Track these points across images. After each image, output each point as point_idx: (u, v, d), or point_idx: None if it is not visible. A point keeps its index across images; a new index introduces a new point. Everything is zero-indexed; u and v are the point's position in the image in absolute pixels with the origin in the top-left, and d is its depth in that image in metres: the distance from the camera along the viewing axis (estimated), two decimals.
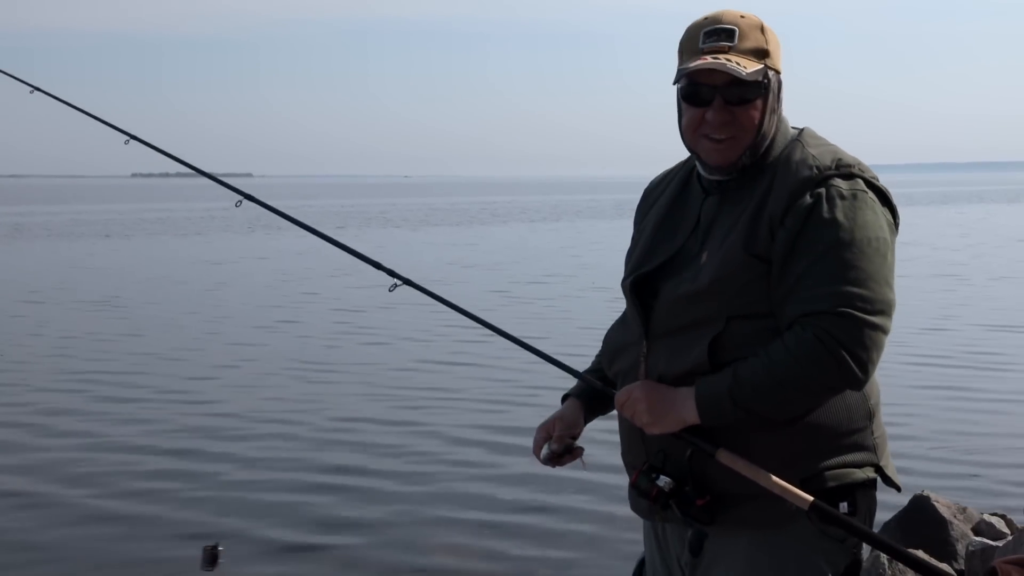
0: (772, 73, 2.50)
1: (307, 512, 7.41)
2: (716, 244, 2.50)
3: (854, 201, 2.41)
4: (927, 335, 14.37)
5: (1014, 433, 9.32)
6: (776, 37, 2.54)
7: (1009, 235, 36.32)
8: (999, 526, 6.14)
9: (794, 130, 2.58)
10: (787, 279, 2.40)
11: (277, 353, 13.65)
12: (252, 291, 20.67)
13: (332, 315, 17.02)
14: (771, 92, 2.50)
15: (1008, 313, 16.72)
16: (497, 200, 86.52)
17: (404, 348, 13.86)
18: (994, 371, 12.11)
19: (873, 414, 2.51)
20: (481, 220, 51.09)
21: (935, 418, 9.84)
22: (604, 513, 7.15)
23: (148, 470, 8.42)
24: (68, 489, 7.93)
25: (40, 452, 8.94)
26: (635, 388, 2.52)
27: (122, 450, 9.00)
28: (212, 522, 7.15)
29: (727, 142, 2.49)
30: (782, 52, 2.55)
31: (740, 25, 2.48)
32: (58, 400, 10.96)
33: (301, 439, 9.30)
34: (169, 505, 7.55)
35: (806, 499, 2.39)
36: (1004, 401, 10.54)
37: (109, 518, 7.31)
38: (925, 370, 12.01)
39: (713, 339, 2.45)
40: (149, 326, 16.04)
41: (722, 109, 2.47)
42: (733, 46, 2.46)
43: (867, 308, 2.33)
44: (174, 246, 33.84)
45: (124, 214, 57.92)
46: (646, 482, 2.50)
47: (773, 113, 2.51)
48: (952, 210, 57.10)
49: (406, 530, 7.08)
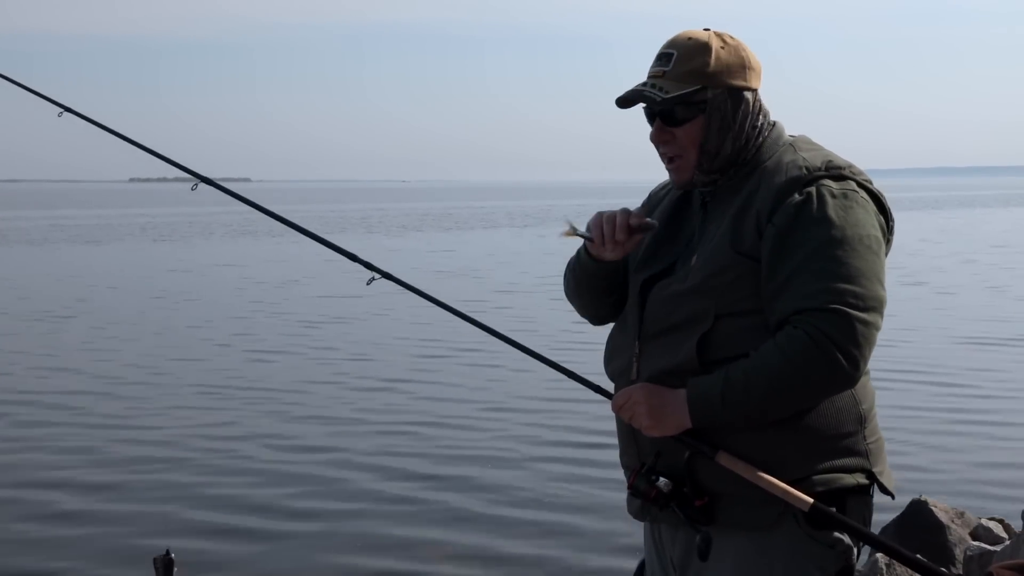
0: (718, 92, 2.52)
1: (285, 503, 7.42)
2: (705, 245, 2.53)
3: (845, 200, 2.44)
4: (925, 338, 14.39)
5: (1012, 438, 9.33)
6: (740, 55, 2.56)
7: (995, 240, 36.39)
8: (997, 531, 6.14)
9: (789, 136, 2.61)
10: (777, 277, 2.41)
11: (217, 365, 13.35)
12: (210, 299, 20.02)
13: (315, 303, 17.01)
14: (716, 110, 2.53)
15: (1007, 314, 16.73)
16: (493, 205, 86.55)
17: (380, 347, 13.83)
18: (992, 375, 12.12)
19: (865, 419, 2.50)
20: (470, 225, 50.95)
21: (933, 423, 9.84)
22: (605, 513, 7.15)
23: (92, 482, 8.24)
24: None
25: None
26: (634, 391, 2.52)
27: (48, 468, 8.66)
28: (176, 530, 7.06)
29: (676, 161, 2.57)
30: (754, 69, 2.56)
31: (682, 48, 2.55)
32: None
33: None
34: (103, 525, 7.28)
35: (806, 500, 2.39)
36: (1002, 409, 10.53)
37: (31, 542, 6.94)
38: (922, 375, 12.02)
39: (702, 337, 2.47)
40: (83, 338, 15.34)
41: (661, 129, 2.57)
42: (667, 70, 2.53)
43: (859, 305, 2.35)
44: (147, 252, 33.06)
45: (105, 219, 56.77)
46: (644, 484, 2.51)
47: (725, 131, 2.53)
48: (940, 215, 57.49)
49: (363, 524, 7.17)
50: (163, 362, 13.36)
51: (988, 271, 24.86)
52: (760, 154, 2.55)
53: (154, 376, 12.48)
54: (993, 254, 30.07)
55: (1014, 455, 8.77)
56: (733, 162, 2.55)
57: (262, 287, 21.93)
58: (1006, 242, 35.42)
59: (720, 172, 2.56)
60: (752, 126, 2.56)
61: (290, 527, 7.20)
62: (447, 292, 19.08)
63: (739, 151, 2.55)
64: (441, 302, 2.99)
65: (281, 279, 23.13)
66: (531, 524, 7.22)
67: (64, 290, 22.01)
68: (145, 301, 19.91)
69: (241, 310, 18.39)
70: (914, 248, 30.56)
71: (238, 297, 20.40)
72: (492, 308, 17.59)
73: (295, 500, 7.75)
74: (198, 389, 11.69)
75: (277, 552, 6.78)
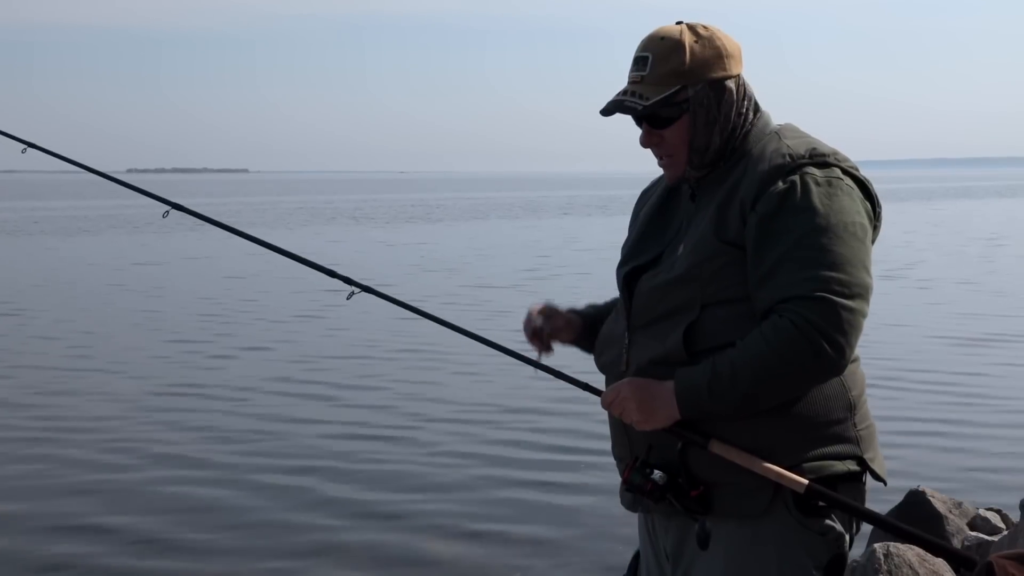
0: (698, 88, 2.53)
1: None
2: (691, 234, 2.54)
3: (829, 187, 2.44)
4: (923, 328, 14.41)
5: (1010, 427, 9.33)
6: (716, 45, 2.55)
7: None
8: (995, 521, 6.14)
9: (776, 125, 2.61)
10: (762, 265, 2.41)
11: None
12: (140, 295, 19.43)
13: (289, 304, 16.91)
14: (699, 106, 2.53)
15: (1006, 312, 16.75)
16: (486, 197, 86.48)
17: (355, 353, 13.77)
18: (990, 365, 12.12)
19: (855, 406, 2.50)
20: (464, 217, 50.81)
21: (930, 412, 9.84)
22: (602, 506, 7.13)
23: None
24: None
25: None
26: (622, 387, 2.52)
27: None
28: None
29: (667, 160, 2.61)
30: (733, 56, 2.55)
31: (655, 50, 2.55)
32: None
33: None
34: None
35: (801, 482, 2.40)
36: (1000, 397, 10.54)
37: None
38: (921, 364, 12.01)
39: (688, 326, 2.47)
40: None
41: (648, 133, 2.59)
42: (645, 75, 2.55)
43: (844, 292, 2.35)
44: (104, 245, 32.03)
45: (83, 210, 55.78)
46: (639, 477, 2.51)
47: (712, 124, 2.54)
48: (928, 206, 57.35)
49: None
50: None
51: (982, 263, 24.87)
52: (746, 143, 2.56)
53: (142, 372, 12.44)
54: (990, 246, 30.10)
55: (1012, 445, 8.77)
56: (723, 152, 2.56)
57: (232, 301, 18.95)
58: (1000, 233, 35.47)
59: (712, 165, 2.57)
60: (738, 113, 2.57)
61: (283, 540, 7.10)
62: (426, 288, 18.72)
63: (727, 140, 2.56)
64: (421, 310, 2.96)
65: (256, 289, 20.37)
66: (527, 517, 7.20)
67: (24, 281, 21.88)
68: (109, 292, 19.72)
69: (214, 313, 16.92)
70: (903, 240, 30.51)
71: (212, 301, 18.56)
72: (466, 304, 17.13)
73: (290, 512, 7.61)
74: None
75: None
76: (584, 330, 2.84)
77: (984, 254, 26.98)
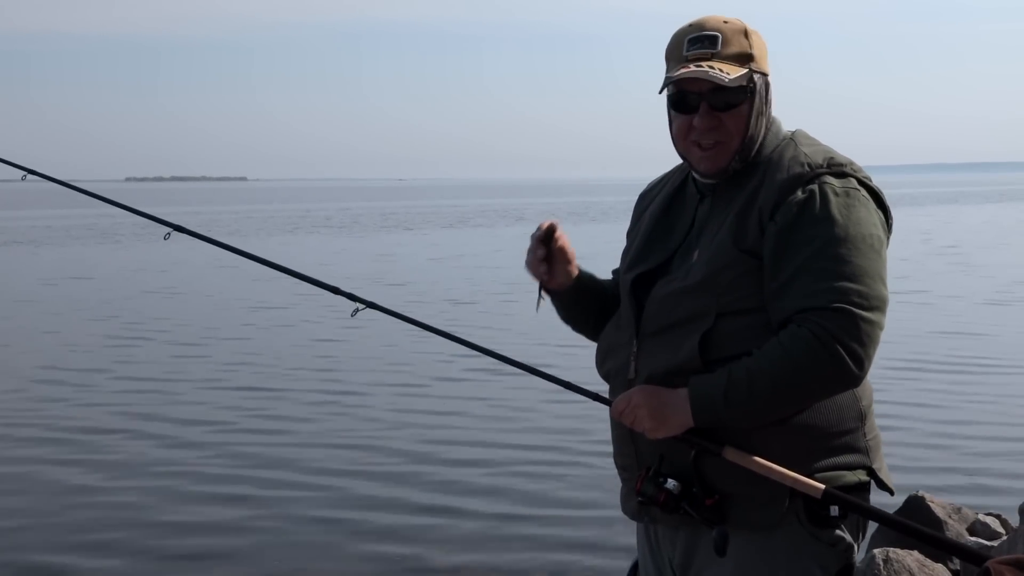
0: (758, 76, 2.51)
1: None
2: (707, 242, 2.50)
3: (847, 198, 2.42)
4: (924, 334, 14.39)
5: (1009, 432, 9.32)
6: (761, 40, 2.55)
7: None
8: (994, 526, 6.14)
9: (788, 131, 2.59)
10: (780, 275, 2.39)
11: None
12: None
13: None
14: (757, 95, 2.51)
15: (1003, 311, 16.74)
16: (482, 203, 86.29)
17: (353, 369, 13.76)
18: (988, 369, 12.12)
19: (865, 415, 2.49)
20: (453, 224, 50.50)
21: (929, 418, 9.84)
22: (600, 516, 7.13)
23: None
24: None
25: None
26: (633, 395, 2.49)
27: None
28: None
29: (715, 148, 2.50)
30: (768, 54, 2.55)
31: (723, 31, 2.50)
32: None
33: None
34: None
35: (818, 488, 2.38)
36: (998, 401, 10.54)
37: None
38: (919, 370, 12.01)
39: (704, 335, 2.44)
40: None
41: (708, 115, 2.48)
42: (716, 52, 2.48)
43: (863, 304, 2.33)
44: (86, 255, 31.50)
45: (100, 219, 55.52)
46: (653, 488, 2.47)
47: (761, 116, 2.52)
48: (920, 211, 57.18)
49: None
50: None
51: (982, 265, 24.86)
52: (763, 148, 2.53)
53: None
54: (991, 247, 30.08)
55: (1011, 450, 8.77)
56: (744, 156, 2.52)
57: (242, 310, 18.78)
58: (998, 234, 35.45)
59: (743, 161, 2.52)
60: (770, 114, 2.57)
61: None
62: (428, 297, 18.46)
63: (760, 139, 2.54)
64: (426, 324, 2.93)
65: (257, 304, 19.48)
66: (526, 526, 7.19)
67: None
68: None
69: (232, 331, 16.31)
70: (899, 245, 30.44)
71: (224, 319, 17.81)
72: (466, 315, 17.02)
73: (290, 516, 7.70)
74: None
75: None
76: (574, 290, 2.73)
77: (974, 262, 26.97)
